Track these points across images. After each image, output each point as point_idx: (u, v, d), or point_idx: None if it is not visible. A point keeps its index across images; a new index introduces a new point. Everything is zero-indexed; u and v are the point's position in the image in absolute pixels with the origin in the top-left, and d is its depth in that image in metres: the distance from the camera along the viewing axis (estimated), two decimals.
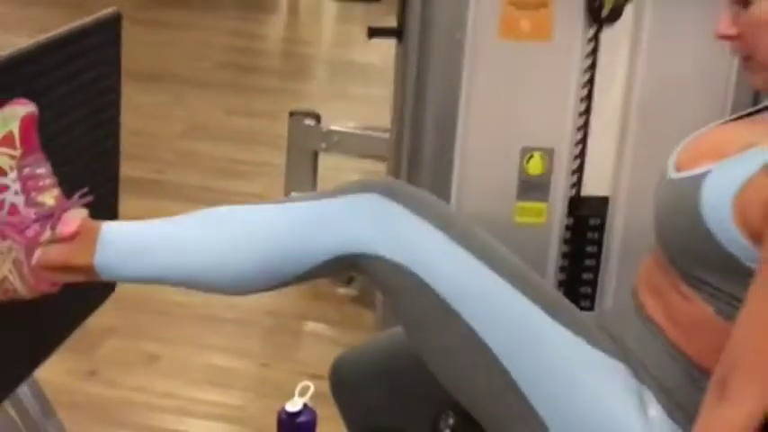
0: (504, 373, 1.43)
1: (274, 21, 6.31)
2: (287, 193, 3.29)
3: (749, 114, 1.52)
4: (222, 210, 1.50)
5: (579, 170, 1.94)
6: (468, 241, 1.45)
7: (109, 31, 1.73)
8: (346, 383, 1.79)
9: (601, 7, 1.85)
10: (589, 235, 1.97)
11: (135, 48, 6.04)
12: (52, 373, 2.52)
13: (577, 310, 1.51)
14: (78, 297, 1.73)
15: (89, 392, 2.67)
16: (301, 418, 2.32)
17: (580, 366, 1.44)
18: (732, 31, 1.42)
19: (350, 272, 1.51)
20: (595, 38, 1.88)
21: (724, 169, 1.38)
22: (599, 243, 1.98)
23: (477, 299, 1.43)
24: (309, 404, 2.38)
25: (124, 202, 3.98)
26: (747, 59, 1.43)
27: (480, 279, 1.43)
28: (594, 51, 1.88)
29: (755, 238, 1.34)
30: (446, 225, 1.45)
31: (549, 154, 1.90)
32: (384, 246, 1.43)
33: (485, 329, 1.43)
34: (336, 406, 1.81)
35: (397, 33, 1.91)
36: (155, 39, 5.60)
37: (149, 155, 4.03)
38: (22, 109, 1.45)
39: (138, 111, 4.64)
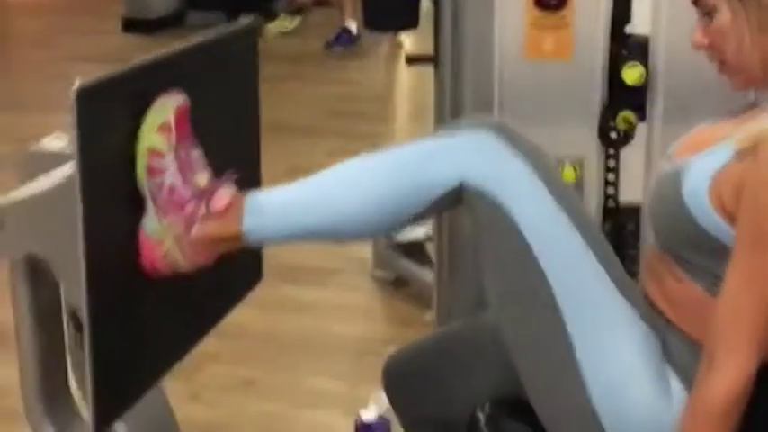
0: (560, 324, 1.55)
1: (374, 67, 6.54)
2: None
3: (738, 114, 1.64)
4: (352, 160, 1.64)
5: (614, 180, 2.06)
6: (562, 199, 1.57)
7: (247, 38, 1.94)
8: (396, 380, 1.94)
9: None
10: (629, 240, 2.09)
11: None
12: None
13: (632, 283, 1.63)
14: (227, 285, 1.93)
15: (191, 414, 2.88)
16: (376, 427, 2.49)
17: (629, 335, 1.55)
18: (704, 41, 1.56)
19: (457, 206, 1.61)
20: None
21: (702, 159, 1.52)
22: (637, 248, 2.09)
23: (557, 252, 1.55)
24: (385, 414, 2.54)
25: None
26: (721, 64, 1.56)
27: (565, 237, 1.56)
28: None
29: (731, 218, 1.46)
30: (547, 177, 1.58)
31: (579, 163, 2.03)
32: (488, 181, 1.55)
33: (556, 282, 1.55)
34: (388, 399, 1.97)
35: (434, 60, 2.07)
36: (264, 92, 5.89)
37: None
38: (174, 100, 1.61)
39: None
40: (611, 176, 2.07)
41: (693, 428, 1.47)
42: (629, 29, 2.00)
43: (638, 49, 1.98)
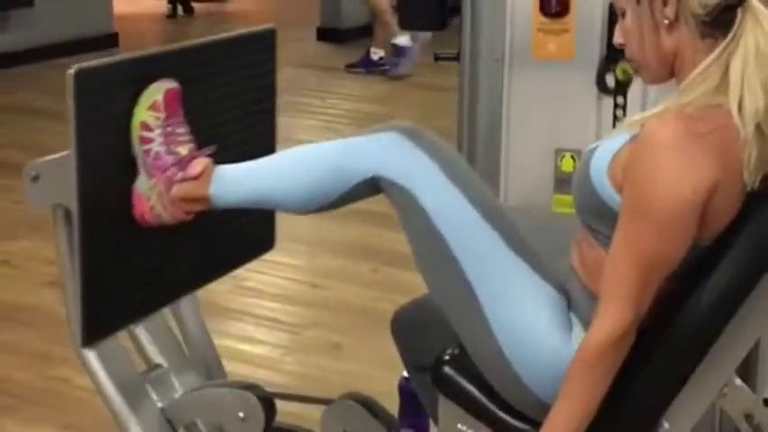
0: (468, 287, 1.83)
1: None
2: None
3: None
4: (299, 147, 1.99)
5: None
6: (459, 181, 1.86)
7: (265, 41, 2.27)
8: (401, 329, 2.25)
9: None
10: None
11: (403, 106, 6.68)
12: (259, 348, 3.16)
13: (537, 254, 1.89)
14: (238, 246, 2.29)
15: (282, 368, 3.28)
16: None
17: (530, 292, 1.82)
18: (620, 39, 1.80)
19: (376, 194, 1.93)
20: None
21: (608, 141, 1.79)
22: None
23: (457, 228, 1.84)
24: None
25: (350, 228, 4.61)
26: (631, 61, 1.81)
27: (464, 216, 1.84)
28: None
29: (621, 191, 1.70)
30: (444, 165, 1.87)
31: (577, 154, 2.28)
32: (396, 173, 1.86)
33: (459, 251, 1.83)
34: (396, 347, 2.27)
35: (456, 58, 2.37)
36: (426, 99, 6.32)
37: None
38: (166, 84, 2.00)
39: None
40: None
41: (574, 370, 1.72)
42: None
43: None
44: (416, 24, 2.36)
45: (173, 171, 1.98)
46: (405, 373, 2.80)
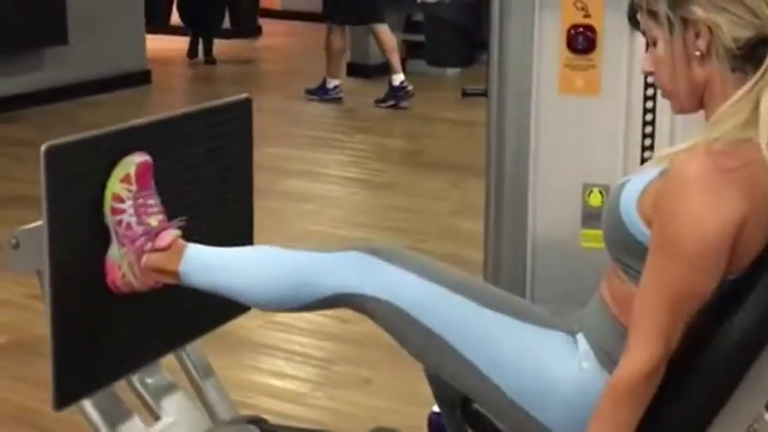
0: (464, 360, 1.88)
1: None
2: None
3: None
4: (267, 250, 2.06)
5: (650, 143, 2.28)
6: (424, 272, 1.93)
7: (240, 110, 2.30)
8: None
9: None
10: None
11: (431, 141, 6.78)
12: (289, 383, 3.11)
13: (519, 303, 1.96)
14: (215, 309, 2.28)
15: (312, 403, 3.28)
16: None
17: (515, 337, 1.86)
18: (649, 68, 1.80)
19: (343, 307, 2.00)
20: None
21: (638, 176, 1.80)
22: None
23: (431, 308, 1.89)
24: None
25: None
26: (661, 89, 1.81)
27: (432, 293, 1.90)
28: (654, 97, 2.25)
29: (651, 227, 1.71)
30: (408, 265, 1.94)
31: (605, 189, 2.29)
32: (363, 286, 1.93)
33: (441, 329, 1.89)
34: (428, 381, 2.27)
35: (484, 93, 2.39)
36: (455, 135, 6.34)
37: (413, 228, 4.68)
38: (138, 158, 2.07)
39: (419, 194, 5.31)
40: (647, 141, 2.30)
41: (604, 404, 1.72)
42: None
43: None
44: (444, 61, 2.38)
45: (142, 241, 2.04)
46: (434, 408, 2.81)
